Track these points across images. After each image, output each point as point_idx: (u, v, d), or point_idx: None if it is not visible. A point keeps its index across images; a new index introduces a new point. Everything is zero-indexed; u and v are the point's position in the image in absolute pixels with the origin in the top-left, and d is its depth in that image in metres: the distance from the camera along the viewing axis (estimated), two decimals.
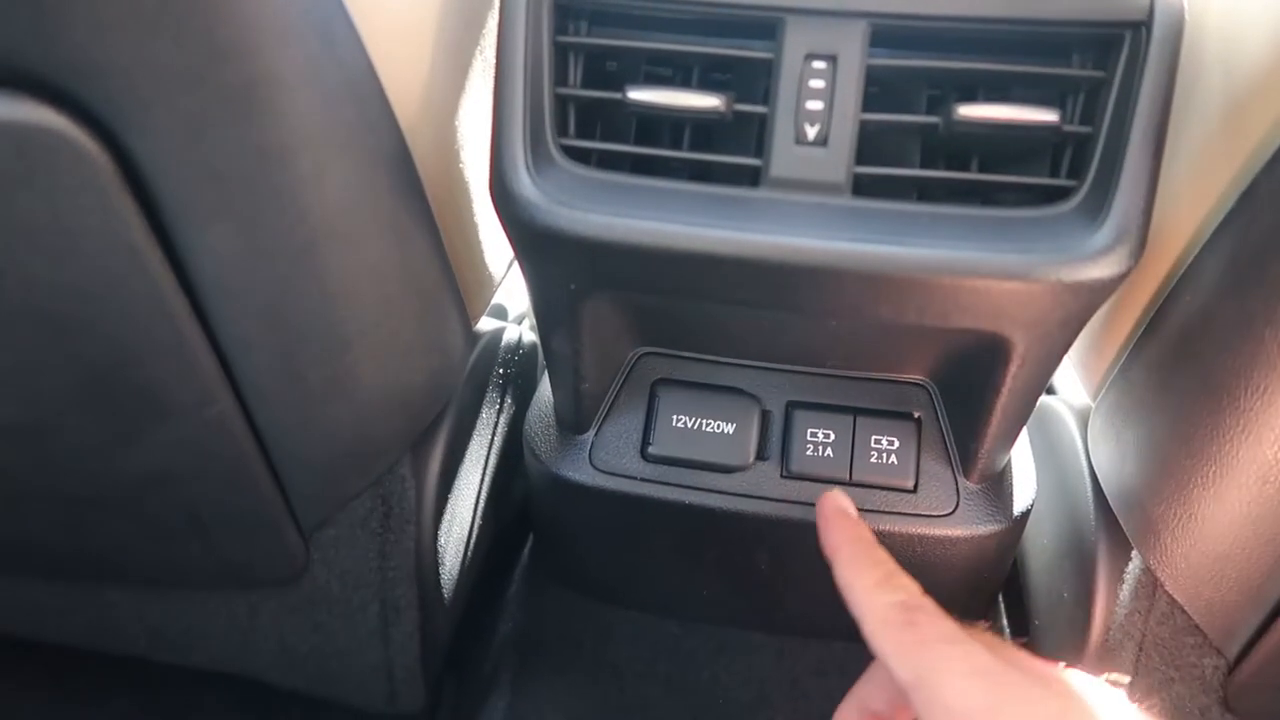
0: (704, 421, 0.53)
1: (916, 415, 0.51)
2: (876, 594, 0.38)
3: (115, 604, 0.64)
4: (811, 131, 0.37)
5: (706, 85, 0.40)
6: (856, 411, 0.51)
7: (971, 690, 0.34)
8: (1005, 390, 0.44)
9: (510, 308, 0.80)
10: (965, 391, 0.45)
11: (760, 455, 0.52)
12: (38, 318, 0.38)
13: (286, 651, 0.64)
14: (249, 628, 0.63)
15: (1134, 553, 0.52)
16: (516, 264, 0.48)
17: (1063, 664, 0.37)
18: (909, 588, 0.39)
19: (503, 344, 0.66)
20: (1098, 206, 0.36)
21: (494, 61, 0.39)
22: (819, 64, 0.37)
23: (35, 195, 0.34)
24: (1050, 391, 0.70)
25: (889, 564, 0.40)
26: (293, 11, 0.33)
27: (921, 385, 0.52)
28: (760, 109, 0.38)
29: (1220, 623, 0.50)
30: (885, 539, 0.50)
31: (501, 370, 0.66)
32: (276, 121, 0.34)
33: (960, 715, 0.33)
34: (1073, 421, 0.61)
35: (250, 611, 0.62)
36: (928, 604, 0.38)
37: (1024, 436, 0.54)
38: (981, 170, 0.39)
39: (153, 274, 0.37)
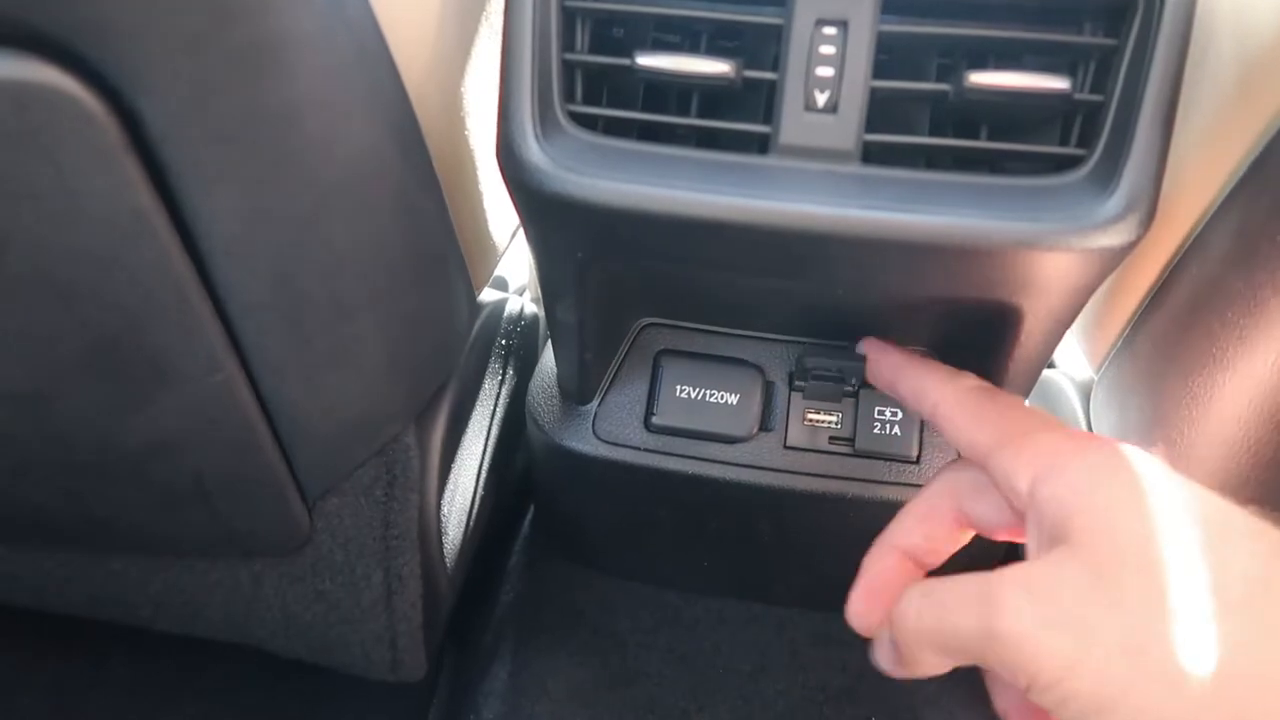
0: (707, 392, 0.53)
1: None
2: (950, 381, 0.40)
3: (119, 573, 0.64)
4: (821, 98, 0.37)
5: (715, 51, 0.40)
6: (860, 383, 0.51)
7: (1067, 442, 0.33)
8: (1010, 360, 0.44)
9: (511, 280, 0.80)
10: (969, 362, 0.45)
11: (763, 426, 0.53)
12: (42, 282, 0.38)
13: (289, 620, 0.64)
14: (252, 596, 0.63)
15: None
16: (520, 234, 0.47)
17: None
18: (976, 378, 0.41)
19: (505, 315, 0.66)
20: (1108, 175, 0.36)
21: (501, 27, 0.39)
22: (829, 30, 0.36)
23: (39, 157, 0.33)
24: (1050, 365, 0.70)
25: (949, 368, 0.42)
26: None
27: (925, 355, 0.52)
28: (769, 75, 0.37)
29: None
30: (889, 509, 0.50)
31: (504, 341, 0.66)
32: (285, 84, 0.34)
33: (1057, 456, 0.32)
34: (1075, 395, 0.61)
35: (254, 580, 0.62)
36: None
37: None
38: (991, 138, 0.39)
39: (159, 238, 0.36)
